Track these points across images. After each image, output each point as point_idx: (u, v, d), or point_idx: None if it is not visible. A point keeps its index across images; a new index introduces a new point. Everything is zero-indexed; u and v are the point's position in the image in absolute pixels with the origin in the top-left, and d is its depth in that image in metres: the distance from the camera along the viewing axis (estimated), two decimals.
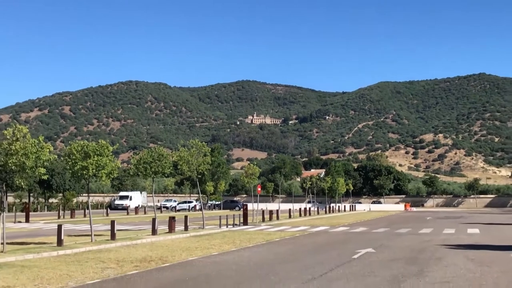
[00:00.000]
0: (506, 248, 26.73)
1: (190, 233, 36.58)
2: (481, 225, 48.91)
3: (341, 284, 15.50)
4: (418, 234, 37.39)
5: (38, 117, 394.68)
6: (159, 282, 16.15)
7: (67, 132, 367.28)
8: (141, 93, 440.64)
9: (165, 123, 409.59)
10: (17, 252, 23.32)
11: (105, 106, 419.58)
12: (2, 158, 24.08)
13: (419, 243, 29.98)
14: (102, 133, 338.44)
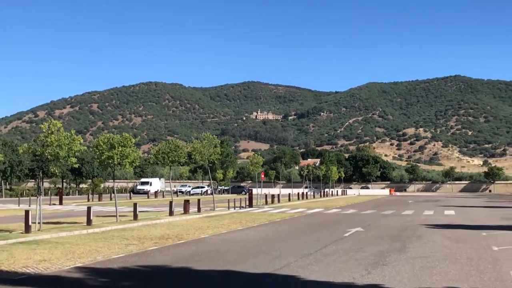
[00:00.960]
0: (477, 227, 26.74)
1: (203, 214, 36.67)
2: (456, 207, 48.89)
3: (334, 259, 15.55)
4: (401, 215, 37.41)
5: (70, 113, 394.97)
6: (176, 257, 16.21)
7: (95, 127, 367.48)
8: (159, 92, 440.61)
9: (181, 118, 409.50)
10: (52, 231, 23.41)
11: (128, 103, 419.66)
12: (39, 149, 24.18)
13: (402, 223, 30.02)
14: (125, 127, 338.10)
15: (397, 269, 13.77)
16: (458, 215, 37.86)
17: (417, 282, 11.93)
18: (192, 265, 14.48)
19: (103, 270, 13.78)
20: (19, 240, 19.94)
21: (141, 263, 14.87)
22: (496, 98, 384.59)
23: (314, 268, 13.76)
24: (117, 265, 14.50)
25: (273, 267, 13.94)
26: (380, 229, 26.02)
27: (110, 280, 12.39)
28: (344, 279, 12.28)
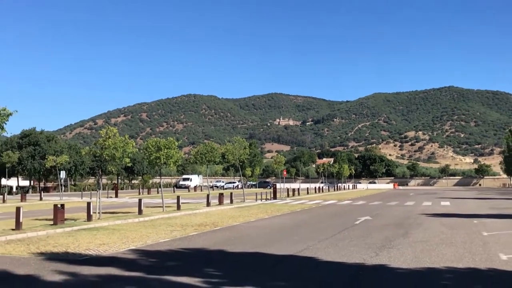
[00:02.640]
0: (469, 216, 26.36)
1: (234, 205, 36.71)
2: (451, 199, 48.30)
3: (347, 243, 15.45)
4: (404, 206, 37.06)
5: (123, 121, 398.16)
6: (213, 240, 16.26)
7: (144, 132, 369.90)
8: (197, 103, 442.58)
9: (215, 124, 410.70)
10: (109, 219, 23.65)
11: (172, 112, 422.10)
12: (99, 151, 24.46)
13: (404, 212, 29.74)
14: (169, 133, 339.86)
15: (401, 251, 13.66)
16: (452, 205, 37.38)
17: (419, 262, 11.82)
18: (226, 248, 14.52)
19: (152, 252, 13.88)
20: (83, 227, 20.18)
21: (184, 246, 14.94)
22: (485, 105, 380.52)
23: (330, 251, 13.70)
24: (164, 248, 14.60)
25: (295, 250, 13.91)
26: (386, 217, 25.81)
27: (158, 260, 12.46)
28: (356, 260, 12.21)
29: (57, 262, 11.99)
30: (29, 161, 70.97)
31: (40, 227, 19.67)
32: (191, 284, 9.38)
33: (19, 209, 19.26)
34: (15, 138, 75.62)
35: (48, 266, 11.36)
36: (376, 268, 11.26)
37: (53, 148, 72.54)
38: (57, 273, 10.54)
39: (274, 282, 9.57)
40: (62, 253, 13.52)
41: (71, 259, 12.49)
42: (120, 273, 10.53)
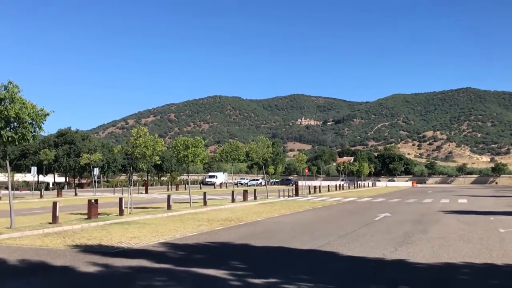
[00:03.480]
0: (486, 213, 25.94)
1: (258, 201, 36.72)
2: (468, 196, 47.59)
3: (367, 238, 15.32)
4: (422, 203, 36.60)
5: (153, 121, 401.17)
6: (237, 235, 16.28)
7: (173, 132, 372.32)
8: (223, 104, 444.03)
9: (240, 124, 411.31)
10: (140, 214, 23.84)
11: (198, 113, 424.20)
12: (130, 149, 24.70)
13: (423, 209, 29.38)
14: (196, 132, 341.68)
15: (419, 247, 13.49)
16: (469, 203, 36.81)
17: (437, 258, 11.66)
18: (250, 242, 14.52)
19: (181, 245, 13.96)
20: (115, 221, 20.39)
21: (211, 240, 14.99)
22: (501, 106, 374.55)
23: (351, 246, 13.60)
24: (192, 241, 14.66)
25: (316, 245, 13.85)
26: (405, 214, 25.53)
27: (186, 253, 12.52)
28: (376, 255, 12.10)
29: (91, 254, 12.14)
30: (64, 158, 71.97)
31: (75, 221, 19.93)
32: (218, 276, 9.41)
33: (56, 204, 19.54)
34: (52, 137, 76.73)
35: (83, 258, 11.50)
36: (396, 262, 11.14)
37: (87, 147, 73.43)
38: (91, 264, 10.67)
39: (297, 275, 9.53)
40: (96, 245, 13.67)
41: (104, 251, 12.63)
42: (151, 265, 10.61)
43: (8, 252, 12.50)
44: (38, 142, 72.87)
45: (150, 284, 8.77)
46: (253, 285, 8.70)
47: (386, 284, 8.85)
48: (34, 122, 16.58)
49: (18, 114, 15.91)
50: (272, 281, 8.98)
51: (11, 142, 16.48)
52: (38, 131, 16.89)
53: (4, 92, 16.03)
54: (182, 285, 8.76)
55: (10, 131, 16.13)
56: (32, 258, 11.51)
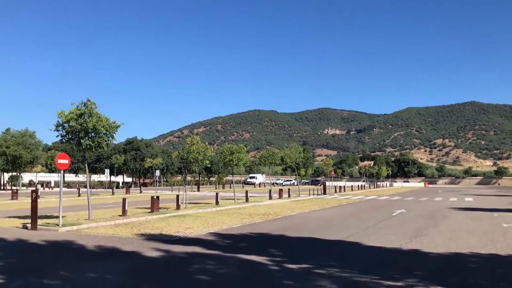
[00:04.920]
0: (490, 210, 25.07)
1: (291, 199, 36.56)
2: (474, 195, 46.11)
3: (385, 231, 15.04)
4: (433, 201, 35.67)
5: (203, 131, 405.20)
6: (274, 227, 16.23)
7: (219, 140, 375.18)
8: (261, 116, 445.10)
9: (275, 134, 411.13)
10: (193, 208, 24.06)
11: (241, 124, 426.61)
12: (185, 154, 24.99)
13: (434, 206, 28.63)
14: (239, 140, 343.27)
15: (431, 238, 13.15)
16: (475, 201, 35.67)
17: (447, 248, 11.34)
18: (285, 233, 14.46)
19: (227, 235, 14.02)
20: (173, 214, 20.64)
21: (252, 231, 15.01)
22: (502, 117, 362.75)
23: (372, 237, 13.37)
24: (236, 232, 14.71)
25: (342, 236, 13.68)
26: (418, 210, 24.93)
27: (232, 242, 12.56)
28: (394, 245, 11.85)
29: (154, 241, 12.32)
30: (131, 162, 73.47)
31: (140, 214, 20.28)
32: (259, 261, 9.41)
33: (125, 200, 19.95)
34: (121, 145, 78.52)
35: (147, 245, 11.69)
36: (411, 252, 10.89)
37: (150, 153, 74.79)
38: (154, 250, 10.84)
39: (326, 261, 9.43)
40: (158, 234, 13.86)
41: (164, 239, 12.80)
42: (203, 251, 10.69)
43: (87, 239, 12.83)
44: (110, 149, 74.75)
45: (203, 267, 8.84)
46: (288, 269, 8.66)
47: (403, 270, 8.65)
48: (108, 132, 17.00)
49: (95, 126, 16.36)
50: (304, 266, 8.92)
51: (89, 149, 16.94)
52: (111, 140, 17.30)
53: (84, 108, 16.52)
54: (229, 268, 8.80)
55: (88, 140, 16.58)
56: (106, 244, 11.78)
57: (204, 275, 8.07)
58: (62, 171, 16.40)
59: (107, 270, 8.45)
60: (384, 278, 7.86)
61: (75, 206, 26.46)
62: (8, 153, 48.37)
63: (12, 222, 17.17)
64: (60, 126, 16.47)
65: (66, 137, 16.59)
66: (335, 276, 8.07)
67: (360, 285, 7.47)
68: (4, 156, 48.84)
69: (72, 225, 15.44)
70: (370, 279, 7.85)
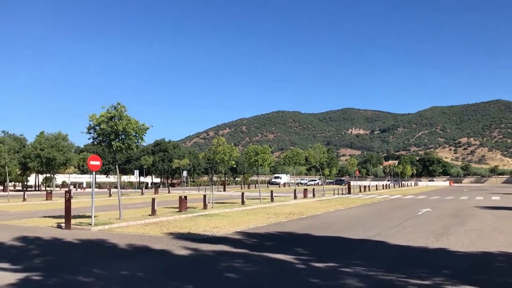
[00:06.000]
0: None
1: (316, 198, 36.36)
2: (500, 194, 44.88)
3: (411, 230, 14.81)
4: (459, 200, 34.91)
5: (228, 132, 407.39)
6: (300, 226, 16.19)
7: (244, 141, 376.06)
8: (285, 117, 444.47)
9: (299, 134, 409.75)
10: (220, 208, 24.19)
11: (265, 125, 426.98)
12: (212, 155, 25.18)
13: (460, 205, 28.03)
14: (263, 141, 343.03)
15: (458, 237, 12.88)
16: (502, 199, 34.72)
17: (474, 247, 11.09)
18: (311, 232, 14.40)
19: (253, 234, 14.05)
20: (200, 214, 20.80)
21: (278, 230, 15.00)
22: None
23: (397, 236, 13.19)
24: (262, 231, 14.72)
25: (368, 235, 13.53)
26: (444, 209, 24.45)
27: (258, 240, 12.58)
28: (420, 244, 11.66)
29: (182, 240, 12.45)
30: (160, 163, 74.38)
31: (169, 213, 20.51)
32: (285, 260, 9.40)
33: (154, 200, 20.22)
34: (150, 146, 79.55)
35: (176, 243, 11.82)
36: (438, 251, 10.69)
37: (177, 154, 75.57)
38: (183, 248, 10.95)
39: (352, 260, 9.35)
40: (186, 233, 14.00)
41: (193, 238, 12.91)
42: (230, 250, 10.75)
43: (118, 238, 13.05)
44: (139, 150, 75.86)
45: (231, 265, 8.89)
46: (315, 268, 8.63)
47: (429, 268, 8.51)
48: (137, 134, 17.26)
49: (125, 128, 16.65)
50: (331, 265, 8.87)
51: (119, 151, 17.24)
52: (140, 142, 17.56)
53: (114, 111, 16.82)
54: (256, 266, 8.81)
55: (119, 142, 16.88)
56: (137, 243, 11.96)
57: (232, 273, 8.11)
58: (94, 172, 16.74)
59: (139, 268, 8.58)
60: (411, 277, 7.75)
61: (106, 206, 26.95)
62: (43, 156, 49.62)
63: (47, 222, 17.61)
64: (91, 129, 16.83)
65: (97, 140, 16.94)
66: (362, 274, 7.99)
67: (387, 283, 7.38)
68: (38, 158, 50.11)
69: (104, 224, 15.74)
70: (396, 277, 7.75)
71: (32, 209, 25.09)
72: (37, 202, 32.26)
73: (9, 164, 35.80)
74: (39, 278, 7.75)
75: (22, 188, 62.74)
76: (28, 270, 8.34)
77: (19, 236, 13.29)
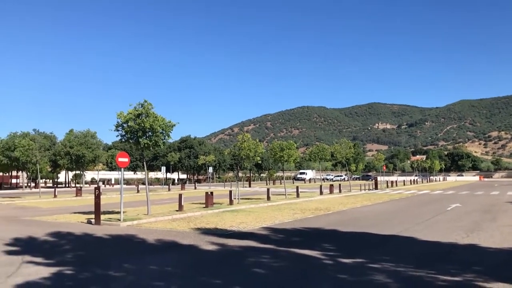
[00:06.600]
0: None
1: (342, 194, 36.13)
2: None
3: (440, 225, 14.56)
4: (490, 195, 34.07)
5: (253, 128, 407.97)
6: (326, 222, 16.12)
7: (269, 137, 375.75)
8: (310, 112, 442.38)
9: (324, 130, 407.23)
10: (246, 203, 24.31)
11: (289, 121, 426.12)
12: (237, 151, 25.28)
13: (490, 200, 27.37)
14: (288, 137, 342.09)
15: (489, 233, 12.60)
16: None
17: (506, 243, 10.83)
18: (338, 228, 14.32)
19: (279, 229, 14.07)
20: (226, 209, 20.94)
21: (304, 226, 14.98)
22: None
23: (426, 232, 12.99)
24: (289, 227, 14.73)
25: (395, 230, 13.38)
26: (474, 204, 23.92)
27: (285, 236, 12.59)
28: (449, 240, 11.46)
29: (209, 235, 12.58)
30: (186, 160, 75.15)
31: (196, 209, 20.72)
32: (312, 256, 9.39)
33: (181, 195, 20.46)
34: (176, 143, 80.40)
35: (203, 238, 11.95)
36: (468, 247, 10.48)
37: (203, 150, 76.19)
38: (211, 243, 11.07)
39: (379, 256, 9.27)
40: (213, 228, 14.13)
41: (219, 233, 13.03)
42: (257, 245, 10.80)
43: (147, 233, 13.28)
44: (166, 147, 76.70)
45: (258, 260, 8.93)
46: (342, 263, 8.59)
47: (460, 264, 8.36)
48: (164, 131, 17.50)
49: (152, 125, 16.89)
50: (358, 260, 8.81)
51: (147, 148, 17.50)
52: (167, 139, 17.78)
53: (141, 109, 17.08)
54: (283, 262, 8.84)
55: (146, 139, 17.14)
56: (165, 238, 12.14)
57: (259, 268, 8.15)
58: (122, 169, 17.05)
59: (168, 263, 8.72)
60: (441, 273, 7.63)
61: (134, 202, 27.41)
62: (72, 153, 50.80)
63: (77, 218, 18.05)
64: (119, 126, 17.14)
65: (125, 137, 17.24)
66: (390, 270, 7.92)
67: (416, 279, 7.29)
68: (68, 156, 51.33)
69: (132, 220, 16.04)
70: (426, 273, 7.65)
71: (63, 205, 25.74)
72: (68, 198, 33.06)
73: (40, 161, 36.77)
74: (71, 272, 7.96)
75: (52, 185, 64.42)
76: (61, 265, 8.59)
77: (52, 231, 13.68)
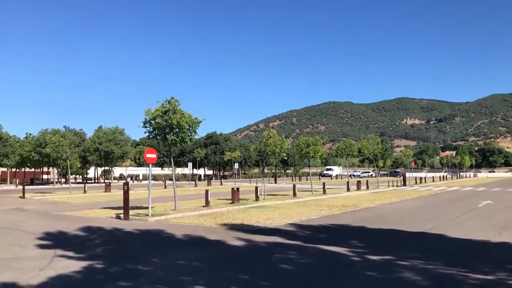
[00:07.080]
0: None
1: (370, 190, 35.71)
2: None
3: (472, 223, 14.25)
4: None
5: (279, 124, 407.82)
6: (354, 218, 15.99)
7: (294, 133, 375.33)
8: (336, 108, 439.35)
9: (351, 125, 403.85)
10: (272, 199, 24.32)
11: (316, 117, 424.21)
12: (263, 147, 25.31)
13: None
14: (314, 133, 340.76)
15: None
16: None
17: None
18: (365, 224, 14.18)
19: (306, 226, 14.03)
20: (252, 205, 21.01)
21: (331, 222, 14.89)
22: None
23: (457, 229, 12.73)
24: (315, 223, 14.67)
25: (425, 228, 13.16)
26: (507, 201, 23.28)
27: (311, 233, 12.55)
28: (481, 237, 11.20)
29: (236, 231, 12.65)
30: (212, 156, 75.74)
31: (222, 205, 20.87)
32: (340, 252, 9.33)
33: (207, 191, 20.63)
34: (202, 139, 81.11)
35: (230, 234, 12.03)
36: (501, 245, 10.22)
37: (229, 146, 76.61)
38: (237, 239, 11.13)
39: (409, 253, 9.14)
40: (239, 224, 14.20)
41: (246, 229, 13.08)
42: (283, 241, 10.80)
43: (174, 228, 13.45)
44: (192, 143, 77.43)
45: (284, 256, 8.94)
46: (370, 260, 8.51)
47: (492, 263, 8.17)
48: (191, 128, 17.65)
49: (179, 122, 17.07)
50: (387, 257, 8.72)
51: (174, 144, 17.71)
52: (194, 135, 17.94)
53: (168, 106, 17.28)
54: (310, 258, 8.82)
55: (173, 135, 17.34)
56: (192, 233, 12.28)
57: (286, 264, 8.16)
58: (150, 165, 17.31)
59: (195, 258, 8.82)
60: (472, 271, 7.47)
61: (161, 198, 27.80)
62: (101, 149, 51.86)
63: (107, 213, 18.44)
64: (147, 123, 17.39)
65: (153, 133, 17.48)
66: (419, 268, 7.80)
67: (446, 277, 7.16)
68: (97, 152, 52.43)
69: (160, 215, 16.28)
70: (456, 271, 7.50)
71: (92, 201, 26.32)
72: (97, 194, 33.80)
73: (70, 157, 37.68)
74: (101, 266, 8.15)
75: (82, 180, 65.93)
76: (91, 259, 8.80)
77: (82, 226, 14.02)
